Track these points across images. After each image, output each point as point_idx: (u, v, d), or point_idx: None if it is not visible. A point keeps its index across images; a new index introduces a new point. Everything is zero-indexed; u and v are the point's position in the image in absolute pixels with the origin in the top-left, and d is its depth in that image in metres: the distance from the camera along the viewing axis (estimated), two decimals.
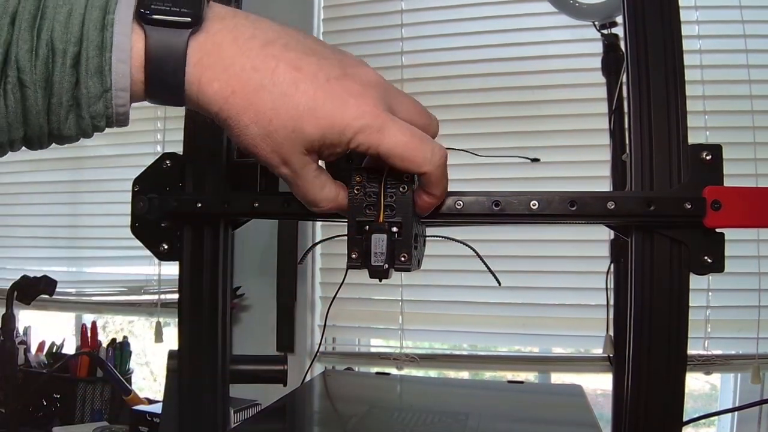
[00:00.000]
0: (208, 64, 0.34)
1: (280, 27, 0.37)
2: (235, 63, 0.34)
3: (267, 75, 0.34)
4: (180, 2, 0.33)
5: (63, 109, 0.33)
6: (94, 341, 1.40)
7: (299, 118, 0.35)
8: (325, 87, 0.35)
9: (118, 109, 0.34)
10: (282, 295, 1.38)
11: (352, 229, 0.41)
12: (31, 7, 0.32)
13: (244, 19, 0.36)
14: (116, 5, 0.33)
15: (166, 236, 0.57)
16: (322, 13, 1.45)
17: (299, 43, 0.36)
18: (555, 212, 0.47)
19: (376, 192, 0.41)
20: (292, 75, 0.35)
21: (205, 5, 0.34)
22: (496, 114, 1.31)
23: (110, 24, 0.32)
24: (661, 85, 0.50)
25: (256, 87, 0.34)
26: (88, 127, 0.34)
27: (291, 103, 0.34)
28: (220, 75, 0.34)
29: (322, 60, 0.36)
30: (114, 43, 0.32)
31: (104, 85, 0.33)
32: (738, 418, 1.24)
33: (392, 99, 0.38)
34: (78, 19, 0.32)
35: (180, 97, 0.35)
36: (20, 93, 0.32)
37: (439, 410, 0.72)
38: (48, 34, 0.32)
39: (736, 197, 0.46)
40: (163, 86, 0.34)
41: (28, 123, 0.33)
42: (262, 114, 0.34)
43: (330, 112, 0.35)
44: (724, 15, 1.21)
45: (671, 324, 0.48)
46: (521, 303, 1.28)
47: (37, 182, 1.68)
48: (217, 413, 0.59)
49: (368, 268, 0.41)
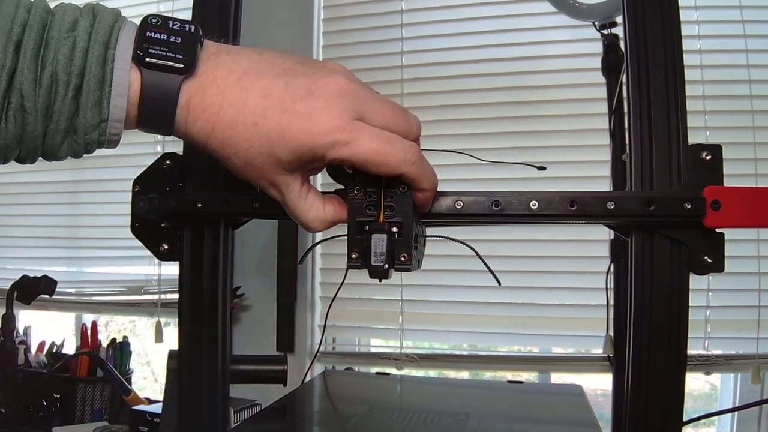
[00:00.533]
0: (193, 106, 0.36)
1: (256, 54, 0.38)
2: (214, 102, 0.36)
3: (239, 109, 0.36)
4: (175, 47, 0.36)
5: (60, 134, 0.35)
6: (94, 341, 1.40)
7: (271, 145, 0.36)
8: (291, 110, 0.36)
9: (111, 137, 0.36)
10: (282, 295, 1.38)
11: (352, 229, 0.41)
12: (36, 37, 0.34)
13: (226, 55, 0.38)
14: (117, 41, 0.35)
15: (166, 236, 0.57)
16: (322, 13, 1.45)
17: (272, 67, 0.38)
18: (555, 212, 0.47)
19: (375, 192, 0.41)
20: (261, 104, 0.36)
21: (199, 51, 0.36)
22: (496, 114, 1.31)
23: (111, 59, 0.35)
24: (661, 85, 0.50)
25: (231, 122, 0.36)
26: (80, 151, 0.37)
27: (262, 132, 0.36)
28: (202, 115, 0.36)
29: (291, 81, 0.37)
30: (114, 78, 0.35)
31: (102, 116, 0.35)
32: (738, 418, 1.24)
33: (365, 105, 0.38)
34: (81, 53, 0.34)
35: (170, 131, 0.37)
36: (21, 118, 0.34)
37: (439, 410, 0.72)
38: (52, 66, 0.34)
39: (736, 197, 0.46)
40: (154, 122, 0.37)
41: (24, 144, 0.35)
42: (239, 146, 0.37)
43: (297, 134, 0.36)
44: (724, 15, 1.21)
45: (671, 324, 0.48)
46: (521, 303, 1.28)
47: (37, 182, 1.68)
48: (217, 413, 0.59)
49: (368, 268, 0.41)
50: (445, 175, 1.37)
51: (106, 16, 0.36)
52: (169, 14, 1.52)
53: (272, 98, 0.36)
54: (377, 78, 1.38)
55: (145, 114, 0.36)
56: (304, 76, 0.37)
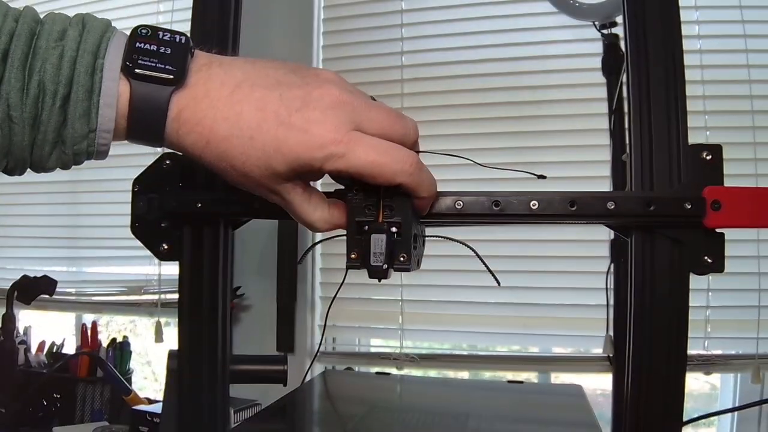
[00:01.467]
0: (185, 119, 0.36)
1: (249, 65, 0.38)
2: (207, 115, 0.36)
3: (234, 123, 0.36)
4: (165, 58, 0.35)
5: (48, 145, 0.35)
6: (94, 341, 1.40)
7: (268, 158, 0.36)
8: (287, 123, 0.36)
9: (100, 147, 0.36)
10: (282, 295, 1.38)
11: (351, 229, 0.41)
12: (24, 46, 0.33)
13: (218, 66, 0.37)
14: (106, 50, 0.34)
15: (166, 236, 0.57)
16: (322, 13, 1.45)
17: (266, 77, 0.37)
18: (555, 212, 0.47)
19: (375, 192, 0.41)
20: (256, 117, 0.36)
21: (189, 62, 0.36)
22: (497, 114, 1.31)
23: (100, 69, 0.34)
24: (661, 85, 0.50)
25: (226, 136, 0.36)
26: (69, 162, 0.36)
27: (258, 146, 0.36)
28: (195, 128, 0.36)
29: (286, 92, 0.37)
30: (102, 88, 0.34)
31: (90, 126, 0.35)
32: (738, 418, 1.24)
33: (360, 115, 0.38)
34: (69, 62, 0.34)
35: (160, 143, 0.37)
36: (8, 129, 0.33)
37: (439, 410, 0.72)
38: (39, 75, 0.33)
39: (736, 197, 0.46)
40: (144, 134, 0.36)
41: (12, 155, 0.35)
42: (235, 159, 0.36)
43: (293, 148, 0.36)
44: (724, 15, 1.21)
45: (671, 324, 0.48)
46: (521, 303, 1.28)
47: (37, 182, 1.68)
48: (217, 413, 0.59)
49: (367, 268, 0.41)
50: (445, 175, 1.36)
51: (95, 26, 0.35)
52: (168, 14, 1.53)
53: (267, 111, 0.36)
54: (377, 78, 1.38)
55: (134, 125, 0.35)
56: (298, 87, 0.37)
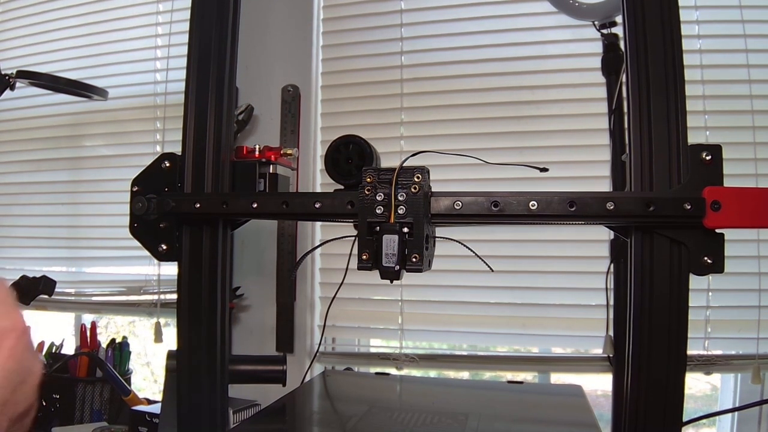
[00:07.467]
0: None
1: None
2: None
3: None
4: None
5: None
6: (94, 341, 1.40)
7: None
8: None
9: None
10: (282, 295, 1.38)
11: (362, 230, 0.41)
12: None
13: None
14: None
15: (165, 236, 0.57)
16: (322, 13, 1.45)
17: None
18: (554, 213, 0.47)
19: (387, 192, 0.40)
20: None
21: None
22: (496, 114, 1.31)
23: None
24: (661, 85, 0.49)
25: None
26: None
27: None
28: None
29: None
30: None
31: None
32: (738, 418, 1.24)
33: None
34: None
35: None
36: None
37: (439, 410, 0.72)
38: None
39: (736, 197, 0.46)
40: None
41: None
42: None
43: None
44: (724, 15, 1.21)
45: (671, 324, 0.48)
46: (521, 303, 1.28)
47: (37, 182, 1.68)
48: (216, 413, 0.59)
49: (379, 269, 0.40)
50: (445, 176, 1.36)
51: None
52: (168, 14, 1.52)
53: None
54: (377, 78, 1.38)
55: None
56: None
